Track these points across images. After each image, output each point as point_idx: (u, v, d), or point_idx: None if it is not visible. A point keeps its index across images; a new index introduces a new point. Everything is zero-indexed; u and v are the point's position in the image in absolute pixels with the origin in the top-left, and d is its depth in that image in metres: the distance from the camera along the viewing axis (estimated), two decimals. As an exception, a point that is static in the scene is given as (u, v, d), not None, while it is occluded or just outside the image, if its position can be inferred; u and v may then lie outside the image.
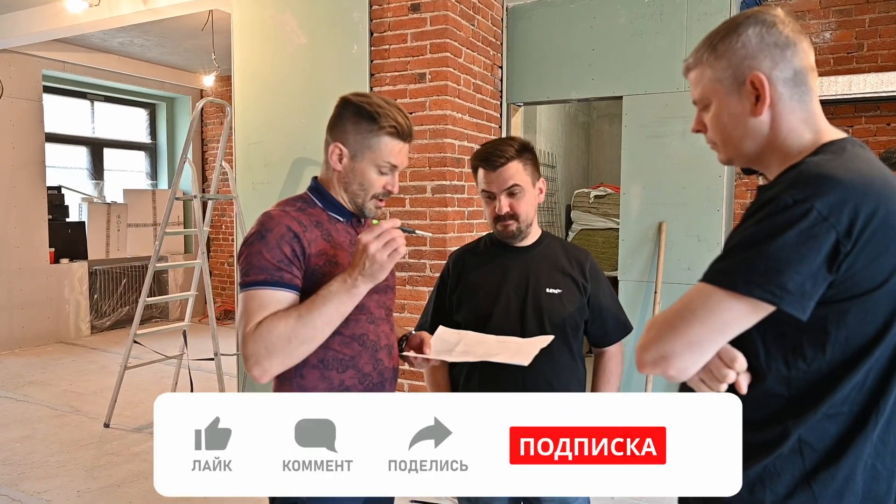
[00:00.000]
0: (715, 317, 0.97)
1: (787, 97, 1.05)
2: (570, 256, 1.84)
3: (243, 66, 4.21)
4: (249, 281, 1.39)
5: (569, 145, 6.92)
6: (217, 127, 8.19)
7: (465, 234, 3.79)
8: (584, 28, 4.14)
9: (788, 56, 1.04)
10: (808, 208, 0.92)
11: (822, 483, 0.99)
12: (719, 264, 1.00)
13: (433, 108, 3.65)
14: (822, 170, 0.96)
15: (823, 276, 0.93)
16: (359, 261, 1.35)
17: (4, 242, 6.36)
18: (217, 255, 8.25)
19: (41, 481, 3.43)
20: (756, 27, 1.05)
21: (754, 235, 0.96)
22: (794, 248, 0.92)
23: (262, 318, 1.35)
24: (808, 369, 0.99)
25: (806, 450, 1.00)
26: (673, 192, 3.95)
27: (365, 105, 1.49)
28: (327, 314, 1.36)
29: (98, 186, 7.75)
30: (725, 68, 1.07)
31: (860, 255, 0.92)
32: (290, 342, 1.33)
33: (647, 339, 1.04)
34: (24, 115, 6.48)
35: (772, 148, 1.08)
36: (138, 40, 6.41)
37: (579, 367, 1.81)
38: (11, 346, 6.42)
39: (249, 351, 1.34)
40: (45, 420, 4.38)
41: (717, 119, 1.11)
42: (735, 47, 1.06)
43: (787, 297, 0.93)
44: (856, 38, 4.93)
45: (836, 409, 0.99)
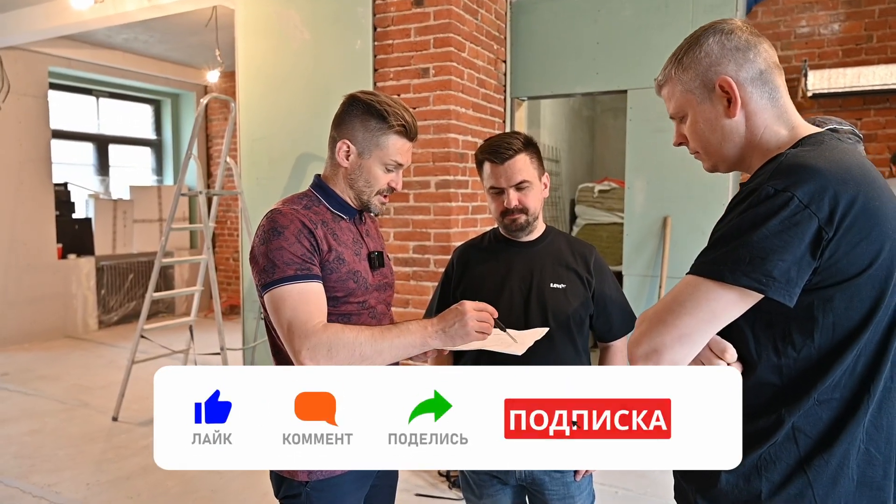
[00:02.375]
0: (704, 307, 0.99)
1: (756, 96, 1.09)
2: (575, 251, 1.84)
3: (247, 62, 4.22)
4: (279, 277, 1.37)
5: (573, 140, 6.91)
6: (221, 123, 8.21)
7: (469, 230, 3.80)
8: (589, 21, 4.13)
9: (751, 57, 1.08)
10: (789, 197, 0.95)
11: (816, 469, 1.01)
12: (705, 256, 1.02)
13: (437, 103, 3.65)
14: (801, 160, 0.99)
15: (808, 262, 0.95)
16: (450, 319, 1.39)
17: (12, 238, 6.41)
18: (222, 251, 8.28)
19: (51, 474, 3.47)
20: (716, 36, 1.10)
21: (738, 226, 0.98)
22: (778, 236, 0.94)
23: (320, 318, 1.36)
24: (798, 356, 1.01)
25: (800, 437, 1.02)
26: (678, 186, 3.94)
27: (374, 104, 1.50)
28: (396, 347, 1.37)
29: (104, 183, 7.79)
30: (694, 78, 1.12)
31: (842, 242, 0.94)
32: (352, 354, 1.34)
33: (638, 334, 1.06)
34: (31, 111, 6.52)
35: (751, 147, 1.11)
36: (143, 36, 6.42)
37: (584, 362, 1.81)
38: (20, 341, 6.48)
39: (311, 343, 1.32)
40: (54, 414, 4.42)
41: (695, 127, 1.15)
42: (699, 57, 1.11)
43: (773, 285, 0.95)
44: (865, 29, 4.90)
45: (828, 395, 1.01)
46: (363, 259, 1.55)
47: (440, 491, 3.27)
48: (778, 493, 1.02)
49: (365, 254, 1.57)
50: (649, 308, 1.09)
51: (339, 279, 1.47)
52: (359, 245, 1.56)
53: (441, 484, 3.35)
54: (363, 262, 1.55)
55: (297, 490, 1.48)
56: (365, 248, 1.58)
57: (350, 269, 1.49)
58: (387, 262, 1.66)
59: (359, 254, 1.54)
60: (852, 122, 4.88)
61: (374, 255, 1.59)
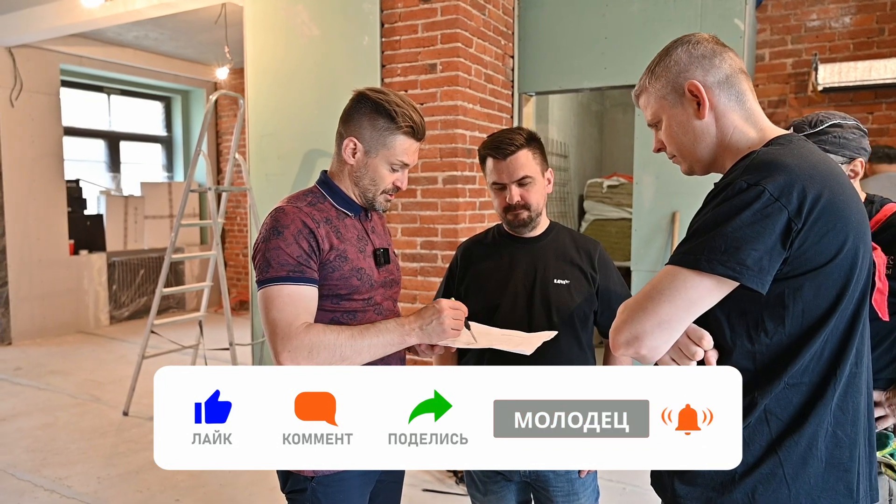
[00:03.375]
0: (682, 295, 1.05)
1: (724, 98, 1.17)
2: (579, 247, 1.83)
3: (256, 59, 4.23)
4: (271, 277, 1.40)
5: (581, 135, 6.88)
6: (231, 119, 8.25)
7: (476, 225, 3.80)
8: (597, 16, 4.11)
9: (717, 63, 1.17)
10: (761, 190, 1.01)
11: (786, 450, 1.06)
12: (684, 247, 1.08)
13: (444, 99, 3.65)
14: (771, 157, 1.06)
15: (778, 252, 1.01)
16: (427, 317, 1.44)
17: (25, 234, 6.47)
18: (231, 247, 8.32)
19: (62, 467, 3.51)
20: (683, 46, 1.20)
21: (713, 218, 1.04)
22: (750, 227, 1.00)
23: (306, 319, 1.39)
24: (770, 342, 1.07)
25: (771, 419, 1.08)
26: (686, 181, 3.91)
27: (383, 103, 1.50)
28: (375, 346, 1.41)
29: (115, 179, 7.85)
30: (665, 85, 1.21)
31: (810, 233, 1.01)
32: (333, 354, 1.37)
33: (620, 322, 1.11)
34: (43, 109, 6.57)
35: (722, 148, 1.18)
36: (153, 34, 6.46)
37: (588, 358, 1.81)
38: (33, 336, 6.55)
39: (292, 346, 1.35)
40: (66, 408, 4.47)
41: (669, 131, 1.23)
42: (669, 66, 1.21)
43: (746, 273, 1.00)
44: (876, 22, 4.84)
45: (797, 379, 1.07)
46: (368, 256, 1.56)
47: (447, 486, 3.28)
48: (751, 473, 1.08)
49: (370, 251, 1.57)
50: (630, 297, 1.14)
51: (342, 277, 1.47)
52: (363, 242, 1.56)
53: (448, 479, 3.36)
54: (368, 259, 1.55)
55: (303, 485, 1.49)
56: (370, 244, 1.58)
57: (353, 267, 1.49)
58: (393, 258, 1.66)
59: (363, 251, 1.55)
60: (863, 117, 4.84)
61: (379, 252, 1.59)
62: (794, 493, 1.06)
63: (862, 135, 1.90)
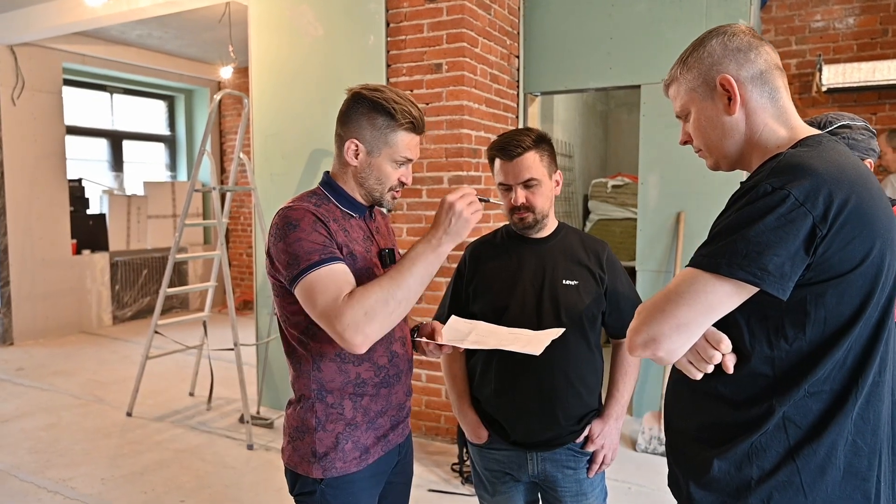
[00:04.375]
0: (701, 299, 1.03)
1: (756, 95, 1.13)
2: (587, 247, 1.83)
3: (260, 58, 4.22)
4: (304, 267, 1.35)
5: (586, 135, 6.87)
6: (234, 118, 8.24)
7: (481, 225, 3.79)
8: (603, 16, 4.10)
9: (752, 58, 1.13)
10: (786, 195, 0.98)
11: (804, 458, 1.05)
12: (704, 249, 1.06)
13: (450, 99, 3.64)
14: (798, 160, 1.03)
15: (801, 258, 0.98)
16: (444, 219, 1.38)
17: (28, 234, 6.46)
18: (235, 247, 8.32)
19: (66, 469, 3.50)
20: (719, 38, 1.16)
21: (736, 221, 1.02)
22: (774, 232, 0.98)
23: (348, 290, 1.34)
24: (791, 349, 1.05)
25: (790, 426, 1.06)
26: (692, 181, 3.91)
27: (381, 101, 1.48)
28: (418, 274, 1.36)
29: (118, 178, 7.84)
30: (697, 77, 1.17)
31: (835, 239, 0.98)
32: (387, 304, 1.32)
33: (637, 323, 1.09)
34: (45, 107, 6.56)
35: (750, 145, 1.15)
36: (156, 33, 6.45)
37: (596, 359, 1.80)
38: (35, 336, 6.54)
39: (347, 320, 1.30)
40: (69, 409, 4.46)
41: (698, 124, 1.20)
42: (702, 57, 1.16)
43: (767, 278, 0.98)
44: (880, 23, 4.83)
45: (818, 387, 1.04)
46: (374, 257, 1.55)
47: (453, 487, 3.27)
48: (767, 480, 1.06)
49: (376, 251, 1.56)
50: (648, 298, 1.12)
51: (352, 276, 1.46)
52: (369, 243, 1.55)
53: (454, 479, 3.35)
54: (374, 260, 1.54)
55: (312, 487, 1.48)
56: (375, 245, 1.57)
57: (361, 267, 1.48)
58: (398, 259, 1.65)
59: (369, 251, 1.54)
60: (867, 117, 4.83)
61: (384, 253, 1.58)
62: (811, 502, 1.05)
63: (871, 136, 1.90)
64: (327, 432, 1.48)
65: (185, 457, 3.67)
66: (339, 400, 1.48)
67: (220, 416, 4.34)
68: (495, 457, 1.82)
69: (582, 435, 1.77)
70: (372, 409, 1.52)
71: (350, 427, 1.49)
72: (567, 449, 1.77)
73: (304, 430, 1.49)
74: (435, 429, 3.85)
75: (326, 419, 1.48)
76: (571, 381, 1.73)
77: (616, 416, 1.81)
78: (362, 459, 1.51)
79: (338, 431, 1.48)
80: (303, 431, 1.49)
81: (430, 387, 3.84)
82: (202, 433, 4.02)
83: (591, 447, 1.78)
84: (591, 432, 1.78)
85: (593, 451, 1.79)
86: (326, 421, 1.48)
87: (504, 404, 1.76)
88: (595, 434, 1.77)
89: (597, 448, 1.78)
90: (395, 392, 1.57)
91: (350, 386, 1.49)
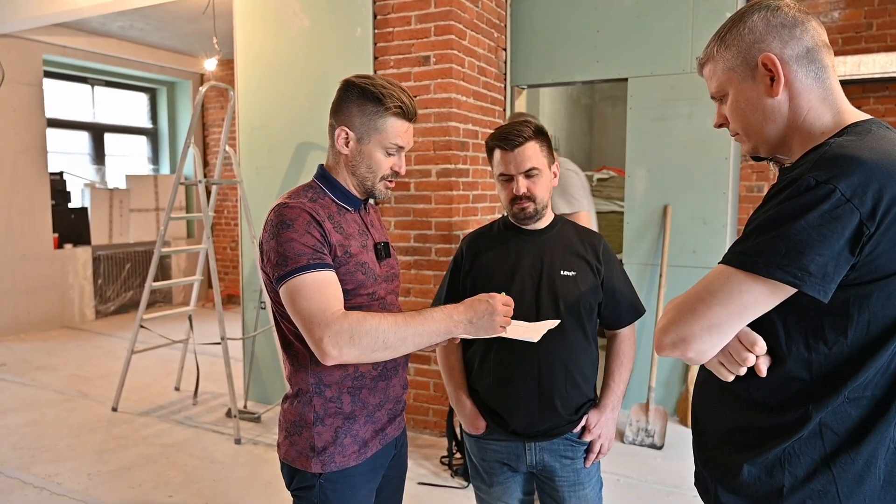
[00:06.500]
0: (735, 299, 0.96)
1: (801, 75, 1.04)
2: (584, 239, 1.85)
3: (245, 50, 4.18)
4: (291, 269, 1.35)
5: (571, 128, 6.89)
6: (217, 111, 8.15)
7: (470, 218, 3.79)
8: (589, 9, 4.11)
9: (798, 34, 1.04)
10: (831, 189, 0.90)
11: (841, 466, 0.98)
12: (740, 246, 0.99)
13: (438, 91, 3.62)
14: (845, 151, 0.94)
15: (846, 258, 0.91)
16: (480, 311, 1.40)
17: (8, 228, 6.37)
18: (219, 240, 8.25)
19: (52, 465, 3.46)
20: (761, 12, 1.06)
21: (776, 217, 0.94)
22: (817, 230, 0.90)
23: (337, 305, 1.34)
24: (830, 352, 0.98)
25: (826, 433, 0.99)
26: (678, 174, 3.93)
27: (369, 87, 1.47)
28: (420, 334, 1.36)
29: (100, 172, 7.74)
30: (736, 55, 1.08)
31: (884, 238, 0.90)
32: (375, 340, 1.32)
33: (667, 322, 1.03)
34: (26, 100, 6.46)
35: (793, 129, 1.06)
36: (138, 24, 6.36)
37: (593, 349, 1.82)
38: (17, 332, 6.45)
39: (332, 331, 1.30)
40: (53, 404, 4.41)
41: (736, 107, 1.11)
42: (743, 34, 1.06)
43: (808, 280, 0.91)
44: (865, 17, 4.88)
45: (859, 393, 0.98)
46: (370, 250, 1.54)
47: (442, 479, 3.28)
48: (800, 489, 1.01)
49: (371, 245, 1.55)
50: (679, 295, 1.06)
51: (348, 272, 1.45)
52: (365, 237, 1.55)
53: (444, 472, 3.35)
54: (370, 254, 1.53)
55: (311, 482, 1.47)
56: (371, 239, 1.57)
57: (358, 262, 1.47)
58: (392, 252, 1.65)
59: (365, 245, 1.53)
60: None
61: (380, 246, 1.58)
62: None
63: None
64: (326, 426, 1.47)
65: (172, 451, 3.64)
66: (338, 394, 1.48)
67: (206, 410, 4.31)
68: (493, 447, 1.83)
69: (579, 425, 1.79)
70: (370, 403, 1.52)
71: (349, 421, 1.49)
72: (564, 439, 1.78)
73: (302, 425, 1.48)
74: (423, 422, 3.86)
75: (325, 413, 1.47)
76: (570, 371, 1.74)
77: (612, 407, 1.82)
78: (361, 453, 1.50)
79: (336, 425, 1.47)
80: (300, 426, 1.48)
81: (419, 380, 3.84)
82: (189, 428, 3.99)
83: (588, 437, 1.79)
84: (587, 422, 1.79)
85: (590, 441, 1.81)
86: (325, 415, 1.47)
87: (503, 394, 1.77)
88: (592, 424, 1.79)
89: (594, 437, 1.80)
90: (393, 385, 1.57)
91: (349, 380, 1.48)
